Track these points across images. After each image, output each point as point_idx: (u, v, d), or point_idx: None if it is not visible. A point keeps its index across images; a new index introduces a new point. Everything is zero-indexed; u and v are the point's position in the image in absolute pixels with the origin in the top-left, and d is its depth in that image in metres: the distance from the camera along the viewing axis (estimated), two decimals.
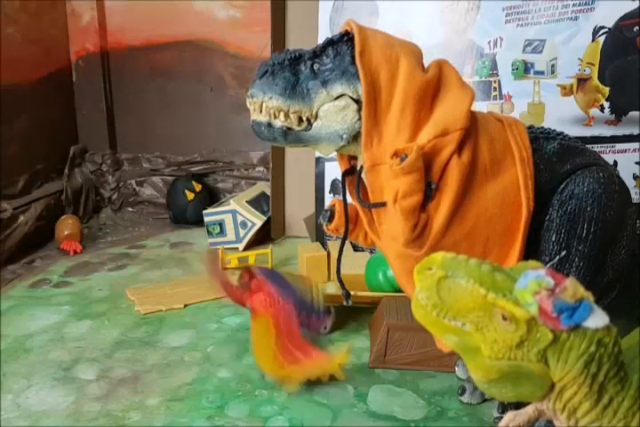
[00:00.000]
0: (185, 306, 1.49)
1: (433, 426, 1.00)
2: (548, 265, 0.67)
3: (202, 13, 2.21)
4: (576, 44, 1.44)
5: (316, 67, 0.90)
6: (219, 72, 2.27)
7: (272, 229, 2.03)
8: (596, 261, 0.89)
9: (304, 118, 0.90)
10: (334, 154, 1.80)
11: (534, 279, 0.61)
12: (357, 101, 0.88)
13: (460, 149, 0.85)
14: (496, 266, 0.66)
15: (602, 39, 1.41)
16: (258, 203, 2.03)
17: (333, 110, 0.89)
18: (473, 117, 0.89)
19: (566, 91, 1.47)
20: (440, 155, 0.84)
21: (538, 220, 0.90)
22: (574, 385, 0.64)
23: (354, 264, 1.58)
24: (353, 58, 0.88)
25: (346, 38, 0.90)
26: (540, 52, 1.48)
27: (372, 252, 1.74)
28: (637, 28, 1.38)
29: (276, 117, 0.89)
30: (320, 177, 1.85)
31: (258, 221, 1.93)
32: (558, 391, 0.66)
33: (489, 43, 1.54)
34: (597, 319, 0.62)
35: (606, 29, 1.41)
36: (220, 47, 2.23)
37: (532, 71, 1.50)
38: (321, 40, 1.76)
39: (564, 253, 0.87)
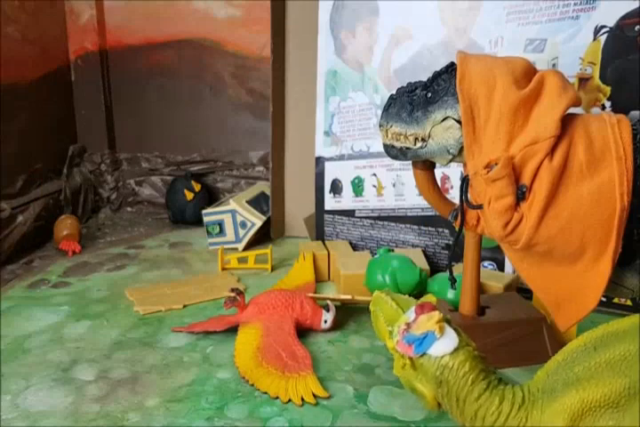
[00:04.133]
0: (184, 306, 1.49)
1: None
2: None
3: (201, 12, 2.20)
4: (577, 43, 1.43)
5: (428, 95, 1.06)
6: (218, 71, 2.27)
7: (272, 229, 2.02)
8: None
9: (419, 139, 1.06)
10: (334, 154, 1.81)
11: (404, 316, 0.77)
12: (460, 122, 1.03)
13: (552, 154, 0.95)
14: (403, 301, 0.82)
15: (603, 38, 1.41)
16: (257, 203, 2.02)
17: (441, 131, 1.05)
18: (572, 121, 0.99)
19: None
20: (531, 161, 0.95)
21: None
22: (442, 403, 0.77)
23: (354, 264, 1.58)
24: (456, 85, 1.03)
25: (451, 69, 1.06)
26: (541, 51, 1.48)
27: (372, 252, 1.74)
28: (639, 27, 1.38)
29: (397, 140, 1.09)
30: (320, 177, 1.85)
31: (257, 221, 1.93)
32: (443, 405, 0.77)
33: (490, 42, 1.53)
34: (440, 348, 0.74)
35: (607, 29, 1.40)
36: (219, 46, 2.23)
37: None
38: (321, 40, 1.79)
39: None
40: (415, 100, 1.08)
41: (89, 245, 2.00)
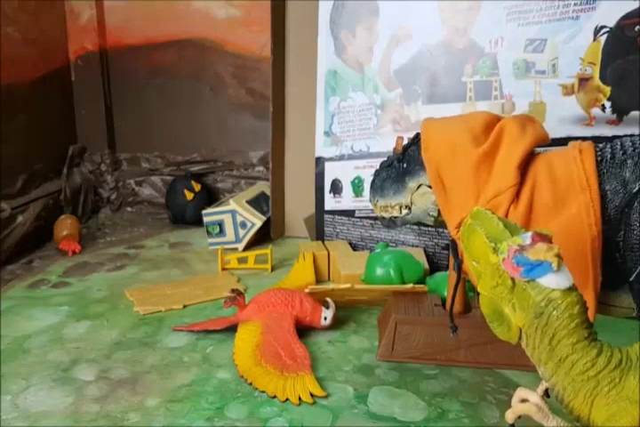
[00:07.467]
0: (184, 306, 1.49)
1: None
2: (634, 275, 0.82)
3: (201, 12, 2.20)
4: (577, 43, 1.44)
5: (404, 166, 1.14)
6: (218, 71, 2.27)
7: (272, 229, 2.02)
8: None
9: (403, 207, 1.15)
10: (334, 154, 1.81)
11: (519, 237, 0.74)
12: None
13: (517, 200, 0.99)
14: (511, 224, 0.79)
15: (603, 39, 1.41)
16: (257, 203, 2.02)
17: (418, 197, 1.13)
18: (536, 162, 1.02)
19: (567, 90, 1.47)
20: (497, 212, 0.98)
21: (618, 239, 0.97)
22: (531, 335, 0.74)
23: (354, 264, 1.58)
24: None
25: (417, 140, 1.13)
26: (541, 51, 1.48)
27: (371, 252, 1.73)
28: (639, 27, 1.38)
29: (386, 211, 1.18)
30: (320, 177, 1.85)
31: (257, 221, 1.93)
32: (525, 338, 0.76)
33: (490, 42, 1.53)
34: (552, 281, 0.72)
35: (607, 29, 1.40)
36: (219, 46, 2.23)
37: (532, 71, 1.50)
38: (321, 40, 1.79)
39: None
40: (393, 172, 1.16)
41: (89, 245, 2.00)
